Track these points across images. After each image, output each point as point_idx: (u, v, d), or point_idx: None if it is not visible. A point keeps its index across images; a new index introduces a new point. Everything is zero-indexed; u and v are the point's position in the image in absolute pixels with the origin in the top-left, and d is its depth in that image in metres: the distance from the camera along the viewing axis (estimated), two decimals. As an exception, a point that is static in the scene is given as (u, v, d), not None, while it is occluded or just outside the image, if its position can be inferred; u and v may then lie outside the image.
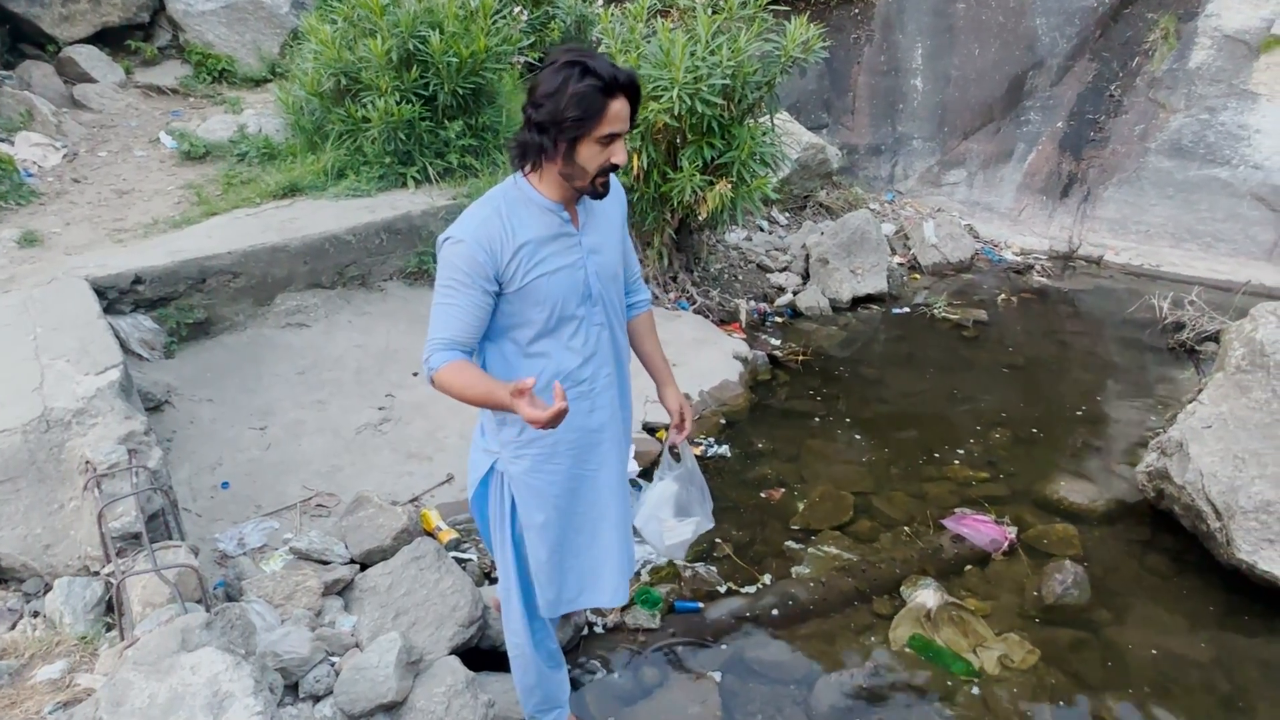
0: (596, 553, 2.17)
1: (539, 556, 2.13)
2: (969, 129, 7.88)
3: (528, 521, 2.10)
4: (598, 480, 2.12)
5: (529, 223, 1.87)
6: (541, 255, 1.88)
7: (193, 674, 1.58)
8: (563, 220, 1.91)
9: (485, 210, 1.88)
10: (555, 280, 1.90)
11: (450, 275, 1.85)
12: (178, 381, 3.92)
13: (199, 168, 5.76)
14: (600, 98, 1.72)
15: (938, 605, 3.10)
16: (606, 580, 2.19)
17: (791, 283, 6.19)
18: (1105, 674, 2.90)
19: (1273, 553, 3.12)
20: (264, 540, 3.15)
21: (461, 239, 1.83)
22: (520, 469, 2.05)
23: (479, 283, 1.84)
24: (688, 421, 2.24)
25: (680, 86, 4.57)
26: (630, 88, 1.76)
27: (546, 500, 2.07)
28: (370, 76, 5.26)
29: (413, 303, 4.89)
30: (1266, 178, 6.57)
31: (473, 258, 1.82)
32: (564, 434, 2.02)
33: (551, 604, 2.18)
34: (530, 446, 2.02)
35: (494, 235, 1.84)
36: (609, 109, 1.73)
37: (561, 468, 2.06)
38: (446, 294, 1.86)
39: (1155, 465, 3.62)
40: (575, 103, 1.71)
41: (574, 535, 2.14)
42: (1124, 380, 5.10)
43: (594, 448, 2.09)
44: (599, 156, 1.79)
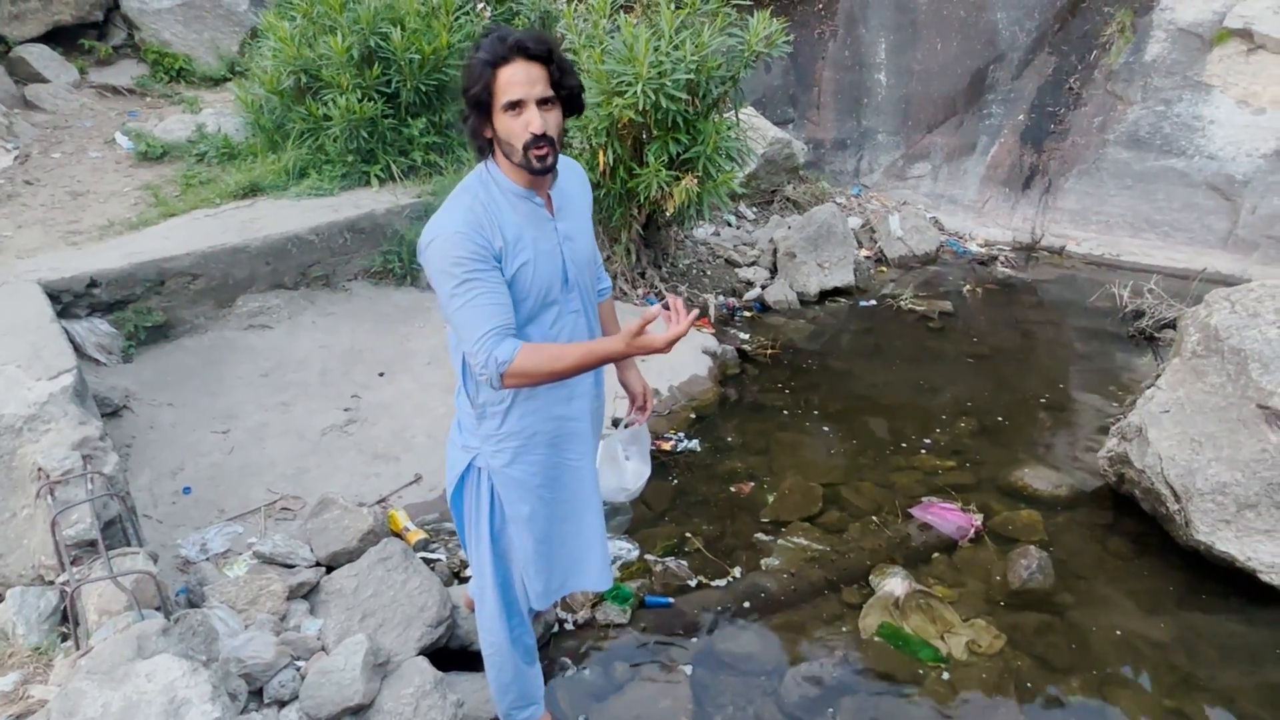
0: (582, 539, 2.18)
1: (526, 548, 2.12)
2: (933, 122, 7.96)
3: (513, 514, 2.09)
4: (581, 469, 2.13)
5: (507, 210, 1.85)
6: (524, 242, 1.86)
7: (148, 681, 1.55)
8: (537, 205, 1.89)
9: (466, 200, 1.83)
10: (538, 267, 1.88)
11: (460, 268, 1.76)
12: (136, 386, 3.84)
13: (156, 168, 5.66)
14: (486, 68, 1.73)
15: (906, 593, 3.12)
16: (592, 563, 2.20)
17: (760, 277, 6.21)
18: (1070, 656, 2.94)
19: (1229, 533, 3.19)
20: (227, 545, 3.10)
21: (453, 229, 1.77)
22: (501, 462, 2.03)
23: (492, 264, 1.79)
24: (649, 404, 2.28)
25: (644, 82, 4.56)
26: (520, 50, 1.71)
27: (530, 491, 2.06)
28: (331, 74, 5.19)
29: (378, 302, 4.85)
30: (1221, 168, 6.70)
31: (475, 243, 1.77)
32: (542, 424, 2.02)
33: (540, 595, 2.18)
34: (513, 438, 2.01)
35: (481, 222, 1.80)
36: (499, 77, 1.73)
37: (541, 457, 2.05)
38: (466, 289, 1.76)
39: (1116, 450, 3.68)
40: (469, 76, 1.76)
41: (559, 524, 2.14)
42: (1086, 368, 5.18)
43: (573, 436, 2.09)
44: (514, 126, 1.75)
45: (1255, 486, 3.15)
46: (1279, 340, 3.30)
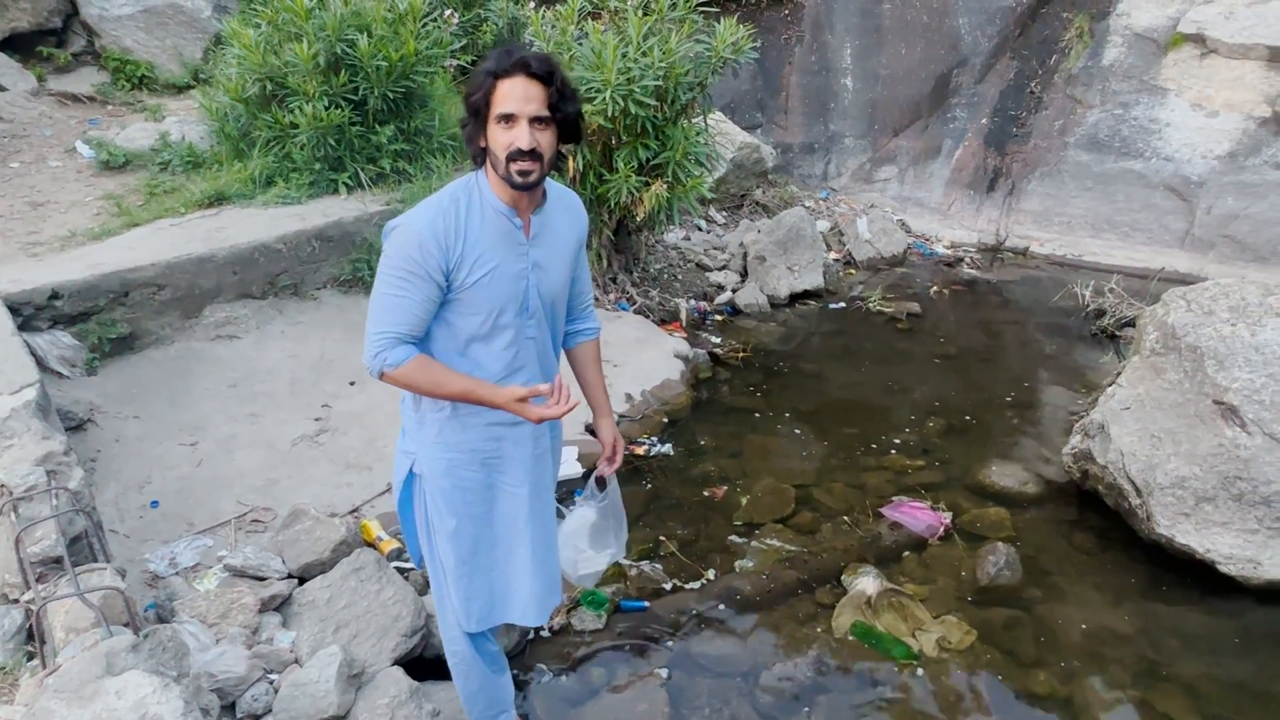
0: (511, 570, 2.11)
1: (448, 563, 2.08)
2: (898, 126, 8.08)
3: (439, 525, 2.06)
4: (517, 497, 2.07)
5: (480, 222, 1.86)
6: (487, 257, 1.85)
7: (118, 699, 1.53)
8: (514, 226, 1.89)
9: (443, 202, 1.85)
10: (497, 285, 1.88)
11: (400, 265, 1.80)
12: (101, 399, 3.78)
13: (119, 177, 5.57)
14: (488, 79, 1.76)
15: (878, 592, 3.16)
16: (517, 599, 2.13)
17: (730, 281, 6.26)
18: (1038, 650, 3.00)
19: (1189, 526, 3.28)
20: (197, 559, 3.06)
21: (416, 227, 1.80)
22: (435, 471, 2.01)
23: (431, 275, 1.81)
24: (618, 456, 2.24)
25: (613, 88, 4.59)
26: (522, 67, 1.74)
27: (458, 506, 2.03)
28: (297, 81, 5.15)
29: (348, 311, 4.81)
30: (1177, 169, 6.87)
31: (425, 247, 1.79)
32: (479, 441, 1.99)
33: (460, 614, 2.12)
34: (448, 450, 1.99)
35: (449, 228, 1.82)
36: (498, 88, 1.76)
37: (477, 476, 2.02)
38: (396, 285, 1.81)
39: (1079, 447, 3.76)
40: (472, 84, 1.79)
41: (488, 549, 2.09)
42: (1050, 367, 5.29)
43: (515, 462, 2.05)
44: (502, 138, 1.78)
45: (1213, 480, 3.24)
46: (1233, 337, 3.40)
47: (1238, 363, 3.34)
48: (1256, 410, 3.24)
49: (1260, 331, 3.40)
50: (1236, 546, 3.21)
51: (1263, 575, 3.16)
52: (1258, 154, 6.60)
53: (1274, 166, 6.53)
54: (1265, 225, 6.47)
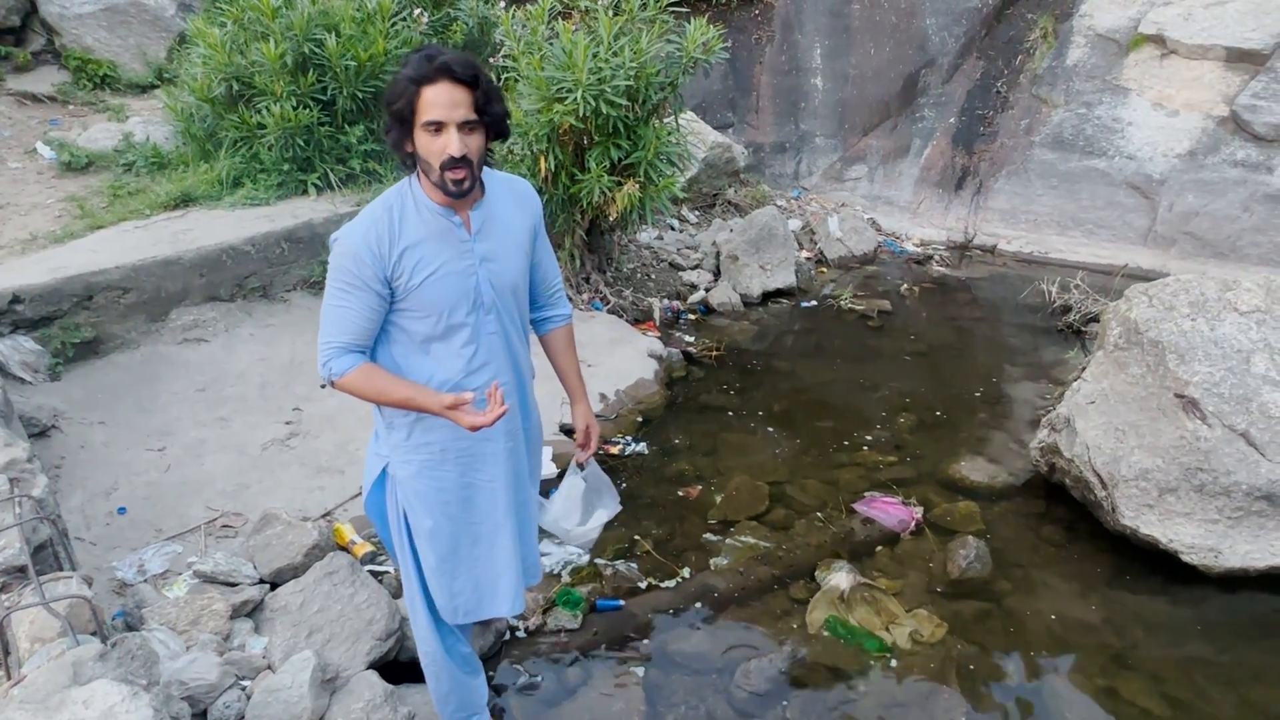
0: (494, 565, 2.13)
1: (429, 563, 2.09)
2: (868, 126, 8.16)
3: (416, 526, 2.07)
4: (494, 491, 2.08)
5: (417, 225, 1.86)
6: (428, 259, 1.86)
7: (85, 709, 1.51)
8: (453, 225, 1.89)
9: (377, 211, 1.87)
10: (443, 285, 1.88)
11: (340, 277, 1.85)
12: (65, 405, 3.72)
13: (81, 179, 5.48)
14: (410, 85, 1.74)
15: (851, 586, 3.20)
16: (503, 592, 2.15)
17: (703, 280, 6.28)
18: (1008, 641, 3.05)
19: (1152, 517, 3.35)
20: (166, 565, 3.02)
21: (350, 240, 1.83)
22: (408, 473, 2.02)
23: (370, 284, 1.84)
24: (593, 441, 2.27)
25: (584, 88, 4.59)
26: (445, 72, 1.72)
27: (434, 506, 2.04)
28: (264, 81, 5.10)
29: (317, 313, 4.73)
30: (1140, 167, 7.01)
31: (360, 258, 1.82)
32: (453, 441, 2.00)
33: (446, 611, 2.14)
34: (419, 452, 2.00)
35: (382, 236, 1.83)
36: (422, 95, 1.73)
37: (451, 475, 2.03)
38: (339, 295, 1.86)
39: (1046, 441, 3.83)
40: (393, 91, 1.77)
41: (470, 546, 2.10)
42: (1018, 362, 5.37)
43: (488, 458, 2.06)
44: (432, 146, 1.76)
45: (1175, 472, 3.31)
46: (1193, 332, 3.48)
47: (1198, 357, 3.41)
48: (1216, 403, 3.32)
49: (1219, 326, 3.48)
50: (1198, 536, 3.28)
51: (1223, 564, 3.24)
52: (1216, 152, 6.75)
53: (1232, 165, 6.68)
54: (1224, 222, 6.62)
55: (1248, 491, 3.23)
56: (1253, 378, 3.34)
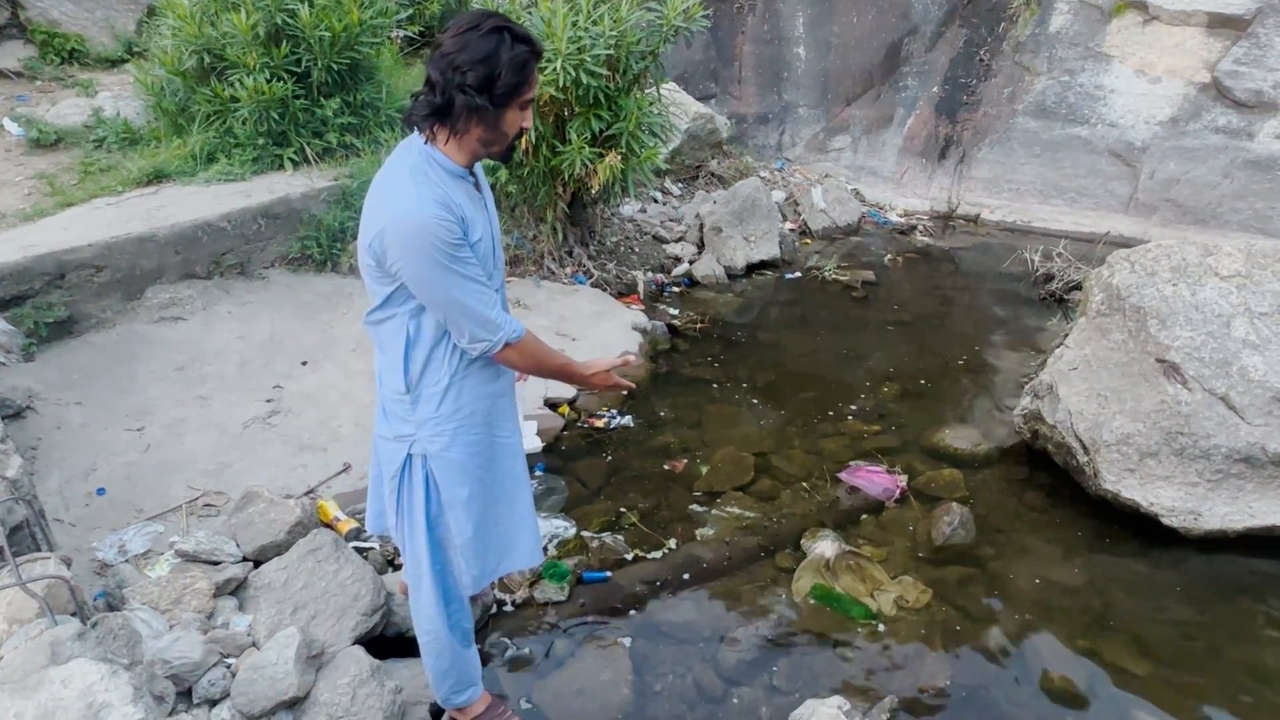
0: (515, 519, 2.19)
1: (465, 534, 2.09)
2: (851, 95, 8.10)
3: (451, 499, 2.06)
4: (513, 446, 2.15)
5: (455, 190, 1.83)
6: (473, 221, 1.85)
7: (64, 688, 1.49)
8: (471, 186, 1.90)
9: (423, 181, 1.78)
10: (486, 246, 1.91)
11: (450, 249, 1.75)
12: (40, 385, 3.66)
13: (51, 156, 5.35)
14: (533, 62, 1.77)
15: (836, 555, 3.21)
16: (524, 543, 2.22)
17: (687, 252, 6.24)
18: (991, 605, 3.08)
19: (1133, 481, 3.38)
20: (147, 545, 2.99)
21: (437, 213, 1.73)
22: (440, 445, 2.01)
23: (466, 244, 1.81)
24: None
25: (564, 58, 4.52)
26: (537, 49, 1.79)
27: (469, 473, 2.05)
28: (236, 53, 4.99)
29: (297, 290, 4.71)
30: (1121, 135, 7.01)
31: (449, 225, 1.75)
32: (478, 402, 2.02)
33: (476, 579, 2.16)
34: (450, 420, 2.00)
35: (446, 198, 1.77)
36: (533, 74, 1.79)
37: (478, 437, 2.05)
38: (461, 267, 1.78)
39: (1029, 408, 3.85)
40: (512, 68, 1.73)
41: (494, 505, 2.14)
42: (1001, 331, 5.38)
43: (503, 414, 2.11)
44: (519, 121, 1.82)
45: (1155, 436, 3.34)
46: (1174, 297, 3.49)
47: (1179, 322, 3.43)
48: (1197, 367, 3.34)
49: (1200, 291, 3.50)
50: (1178, 499, 3.31)
51: (1202, 526, 3.28)
52: (1198, 119, 6.76)
53: (1213, 131, 6.69)
54: (1204, 189, 6.64)
55: (1227, 454, 3.26)
56: (1233, 342, 3.37)
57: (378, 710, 2.27)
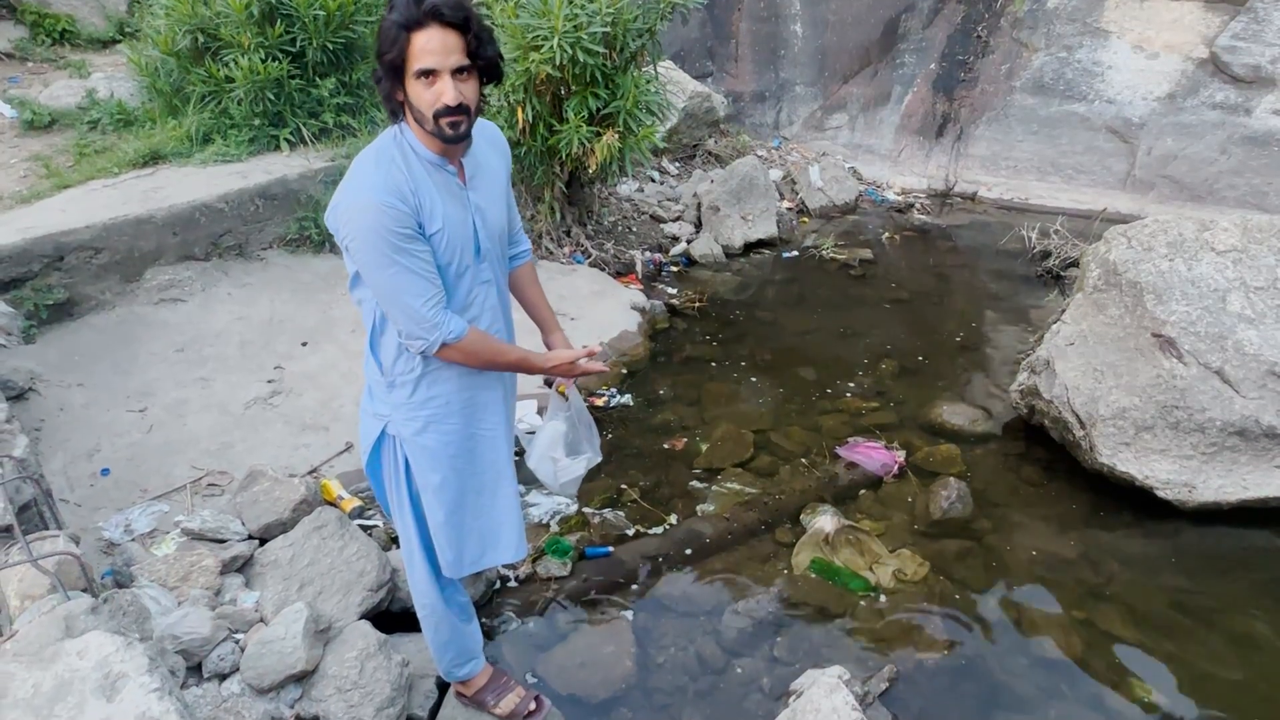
0: (497, 513, 2.14)
1: (436, 518, 2.08)
2: (848, 73, 8.07)
3: (423, 483, 2.05)
4: (496, 439, 2.10)
5: (421, 175, 1.78)
6: (437, 211, 1.80)
7: (80, 659, 1.52)
8: (449, 175, 1.84)
9: (383, 165, 1.75)
10: (450, 237, 1.83)
11: (386, 239, 1.71)
12: (41, 367, 3.67)
13: (45, 138, 5.33)
14: (400, 31, 1.64)
15: (835, 529, 3.25)
16: (506, 538, 2.17)
17: (685, 232, 6.25)
18: (988, 577, 3.12)
19: (1129, 454, 3.41)
20: (153, 525, 3.01)
21: (376, 196, 1.70)
22: (412, 430, 1.99)
23: (418, 235, 1.76)
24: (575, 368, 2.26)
25: (560, 35, 4.50)
26: (439, 14, 1.63)
27: (441, 460, 2.02)
28: (230, 33, 4.96)
29: (296, 270, 4.71)
30: (1119, 111, 7.00)
31: (398, 211, 1.71)
32: (456, 392, 1.98)
33: (452, 565, 2.14)
34: (424, 407, 1.98)
35: (402, 185, 1.74)
36: (413, 42, 1.64)
37: (455, 427, 2.01)
38: (397, 259, 1.73)
39: (1026, 383, 3.88)
40: (383, 39, 1.67)
41: (474, 497, 2.10)
42: (999, 308, 5.41)
43: (488, 406, 2.06)
44: (425, 95, 1.68)
45: (1151, 410, 3.37)
46: (1170, 272, 3.51)
47: (1175, 296, 3.45)
48: (1193, 341, 3.37)
49: (1196, 266, 3.52)
50: (1173, 472, 3.35)
51: (1197, 498, 3.32)
52: (1195, 95, 6.75)
53: (1210, 107, 6.69)
54: (1202, 165, 6.65)
55: (1221, 428, 3.29)
56: (1228, 316, 3.39)
57: (386, 682, 2.31)
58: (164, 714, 1.42)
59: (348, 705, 2.27)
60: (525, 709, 2.37)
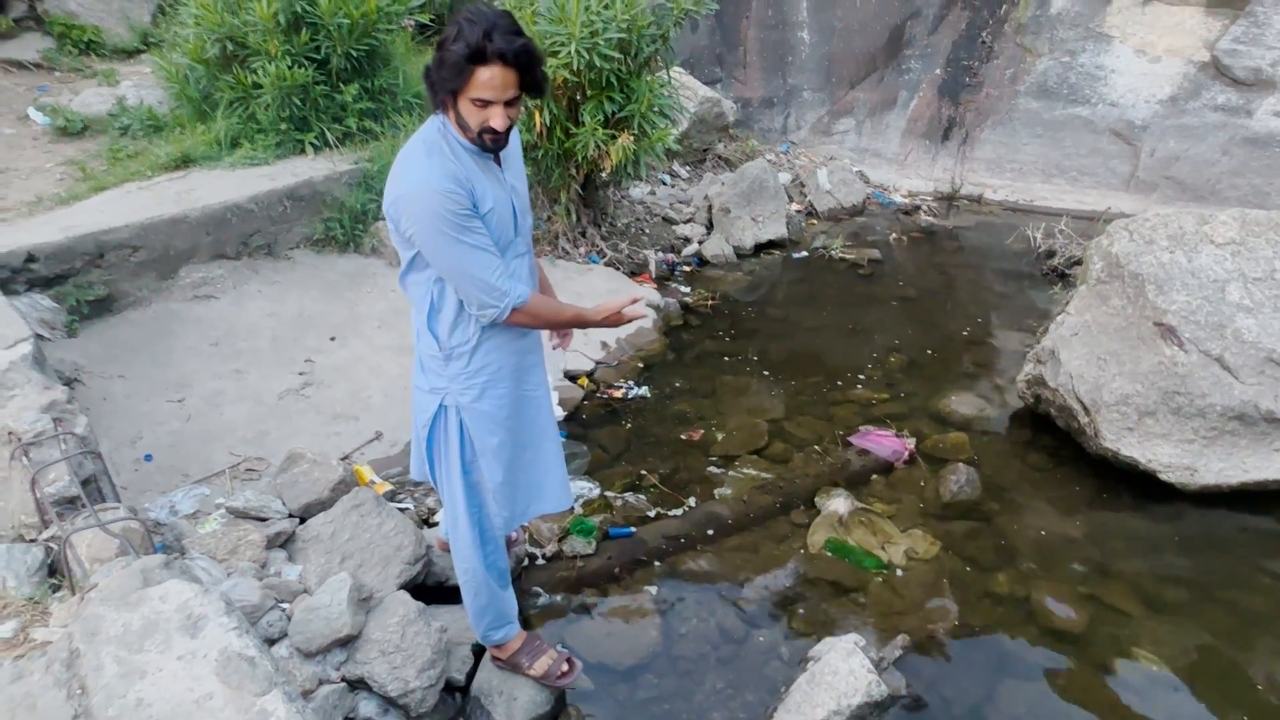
0: (541, 466, 2.35)
1: (496, 478, 2.26)
2: (855, 79, 8.22)
3: (482, 447, 2.23)
4: (539, 398, 2.31)
5: (467, 161, 1.96)
6: (484, 193, 1.97)
7: (162, 603, 1.65)
8: (488, 160, 2.01)
9: (435, 155, 1.91)
10: (498, 216, 2.02)
11: (450, 220, 1.86)
12: (84, 359, 3.81)
13: (78, 143, 5.50)
14: (465, 64, 1.76)
15: (849, 511, 3.38)
16: (551, 488, 2.38)
17: (696, 233, 6.39)
18: (997, 556, 3.24)
19: (1132, 439, 3.53)
20: (196, 506, 3.15)
21: (445, 185, 1.86)
22: (470, 398, 2.17)
23: (475, 215, 1.92)
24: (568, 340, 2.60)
25: (577, 41, 4.65)
26: (505, 57, 1.76)
27: (498, 423, 2.21)
28: (258, 41, 5.12)
29: (322, 270, 4.86)
30: (1122, 114, 7.13)
31: (455, 195, 1.87)
32: (506, 358, 2.17)
33: (508, 520, 2.33)
34: (480, 374, 2.16)
35: (457, 172, 1.90)
36: (475, 76, 1.77)
37: (507, 390, 2.20)
38: (461, 239, 1.89)
39: (1032, 373, 4.00)
40: (445, 63, 1.80)
41: (521, 453, 2.30)
42: (1004, 305, 5.53)
43: (531, 369, 2.27)
44: (476, 115, 1.84)
45: (1153, 396, 3.49)
46: (1171, 264, 3.63)
47: (1176, 287, 3.58)
48: (1193, 330, 3.49)
49: (1196, 257, 3.64)
50: (1175, 456, 3.47)
51: (1198, 481, 3.44)
52: (1197, 97, 6.88)
53: (1212, 109, 6.82)
54: (1204, 165, 6.77)
55: (1221, 412, 3.41)
56: (1227, 305, 3.51)
57: (427, 646, 2.44)
58: (244, 648, 1.56)
59: (391, 667, 2.40)
60: (558, 670, 2.50)
